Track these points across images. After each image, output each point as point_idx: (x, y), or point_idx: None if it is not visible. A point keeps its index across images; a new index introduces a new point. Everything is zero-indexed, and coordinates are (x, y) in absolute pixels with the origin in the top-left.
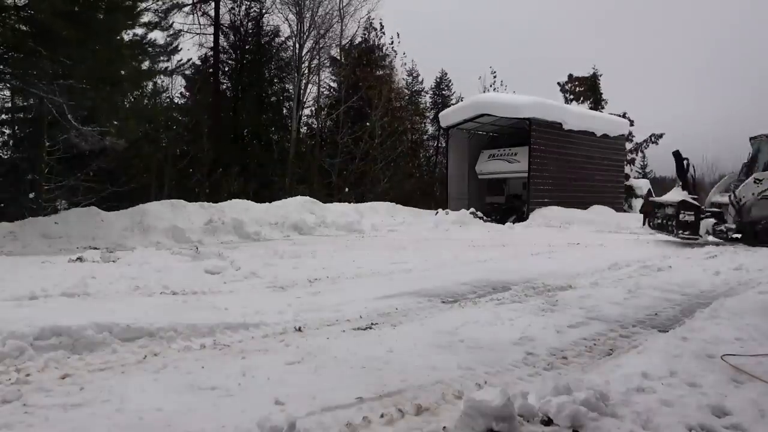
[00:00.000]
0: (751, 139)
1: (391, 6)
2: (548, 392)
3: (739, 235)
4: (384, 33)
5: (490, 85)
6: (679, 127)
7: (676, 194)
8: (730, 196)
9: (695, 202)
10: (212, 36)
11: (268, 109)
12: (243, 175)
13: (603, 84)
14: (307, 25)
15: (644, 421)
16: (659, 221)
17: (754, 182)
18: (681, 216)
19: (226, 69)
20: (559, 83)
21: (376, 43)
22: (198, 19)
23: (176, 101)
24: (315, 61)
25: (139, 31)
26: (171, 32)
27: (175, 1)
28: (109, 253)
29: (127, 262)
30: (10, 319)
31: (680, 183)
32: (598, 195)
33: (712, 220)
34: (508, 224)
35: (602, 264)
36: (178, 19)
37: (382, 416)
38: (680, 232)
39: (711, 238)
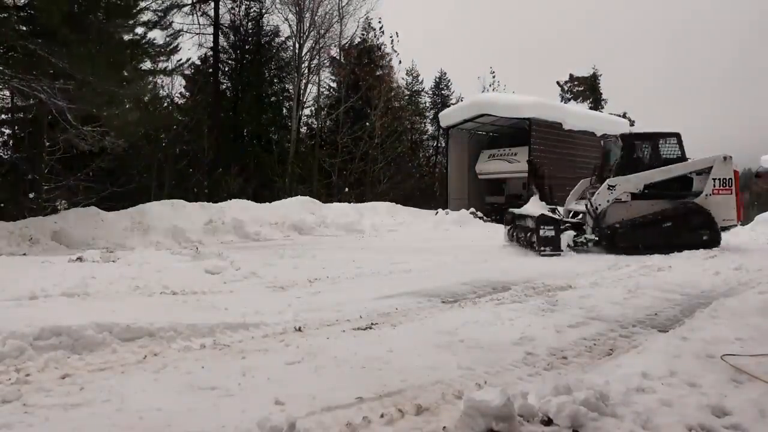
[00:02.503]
0: (602, 139)
1: (390, 6)
2: (548, 392)
3: (592, 242)
4: (383, 32)
5: (490, 85)
6: (681, 128)
7: (534, 205)
8: (586, 205)
9: (554, 216)
10: (212, 36)
11: (268, 109)
12: (243, 175)
13: (603, 84)
14: (307, 25)
15: (644, 421)
16: (520, 234)
17: (608, 189)
18: (542, 231)
19: (226, 69)
20: (559, 83)
21: (376, 43)
22: (198, 19)
23: (176, 101)
24: (315, 61)
25: (139, 30)
26: (171, 32)
27: (174, 1)
28: (109, 253)
29: (127, 262)
30: (10, 319)
31: (536, 192)
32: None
33: (572, 232)
34: None
35: (602, 264)
36: (177, 19)
37: (382, 416)
38: (542, 249)
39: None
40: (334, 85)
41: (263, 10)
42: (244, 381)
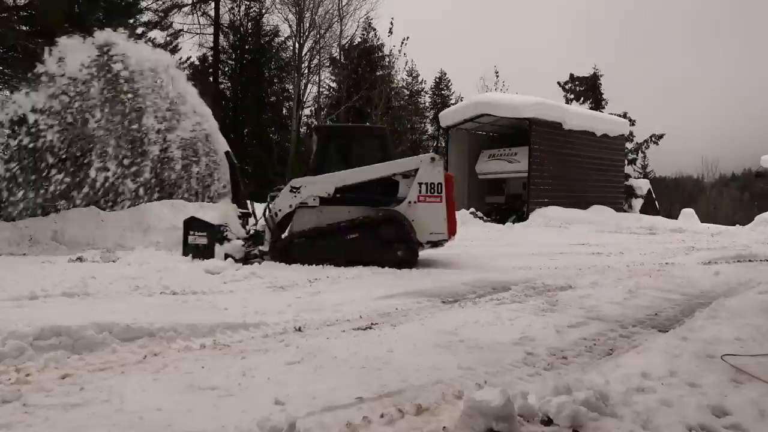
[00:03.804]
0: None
1: (390, 5)
2: (548, 392)
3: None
4: (392, 33)
5: (494, 84)
6: (680, 127)
7: (224, 206)
8: (265, 210)
9: (206, 220)
10: (212, 36)
11: (268, 109)
12: (243, 174)
13: (603, 84)
14: (307, 24)
15: (644, 421)
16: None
17: (291, 191)
18: (191, 238)
19: (226, 69)
20: (559, 83)
21: (376, 43)
22: (198, 19)
23: None
24: (315, 61)
25: (139, 30)
26: (171, 32)
27: (174, 1)
28: (108, 253)
29: (127, 262)
30: (10, 319)
31: (232, 192)
32: (598, 195)
33: (240, 242)
34: (508, 224)
35: (602, 264)
36: (177, 19)
37: (382, 416)
38: (194, 257)
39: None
40: (334, 85)
41: (263, 10)
42: (244, 381)
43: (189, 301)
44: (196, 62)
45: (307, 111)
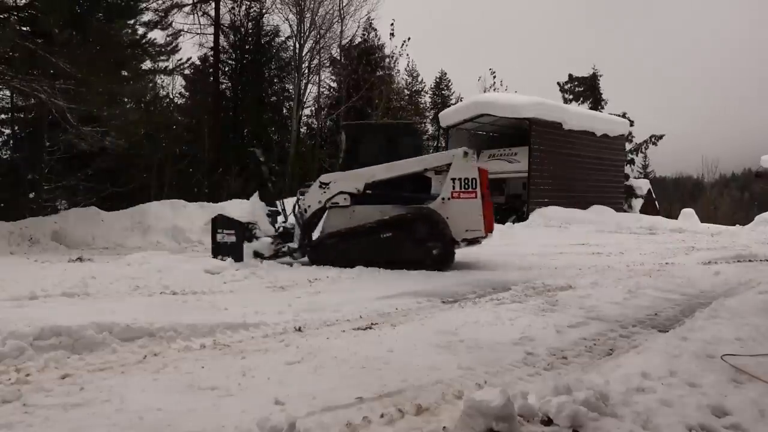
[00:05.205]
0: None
1: (390, 5)
2: (548, 392)
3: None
4: (393, 35)
5: (490, 86)
6: (680, 127)
7: (252, 204)
8: (294, 207)
9: (235, 218)
10: (212, 36)
11: (268, 109)
12: (243, 175)
13: (603, 84)
14: (308, 24)
15: (644, 421)
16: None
17: (320, 187)
18: (219, 236)
19: (226, 69)
20: (559, 83)
21: (377, 44)
22: (198, 19)
23: (176, 101)
24: (315, 61)
25: (140, 30)
26: (171, 32)
27: (175, 1)
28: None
29: (127, 262)
30: (10, 319)
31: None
32: (598, 195)
33: (269, 239)
34: (508, 224)
35: (602, 264)
36: (178, 19)
37: (382, 416)
38: (221, 257)
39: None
40: (334, 85)
41: (263, 10)
42: (244, 381)
43: (189, 301)
44: (197, 62)
45: (307, 111)
